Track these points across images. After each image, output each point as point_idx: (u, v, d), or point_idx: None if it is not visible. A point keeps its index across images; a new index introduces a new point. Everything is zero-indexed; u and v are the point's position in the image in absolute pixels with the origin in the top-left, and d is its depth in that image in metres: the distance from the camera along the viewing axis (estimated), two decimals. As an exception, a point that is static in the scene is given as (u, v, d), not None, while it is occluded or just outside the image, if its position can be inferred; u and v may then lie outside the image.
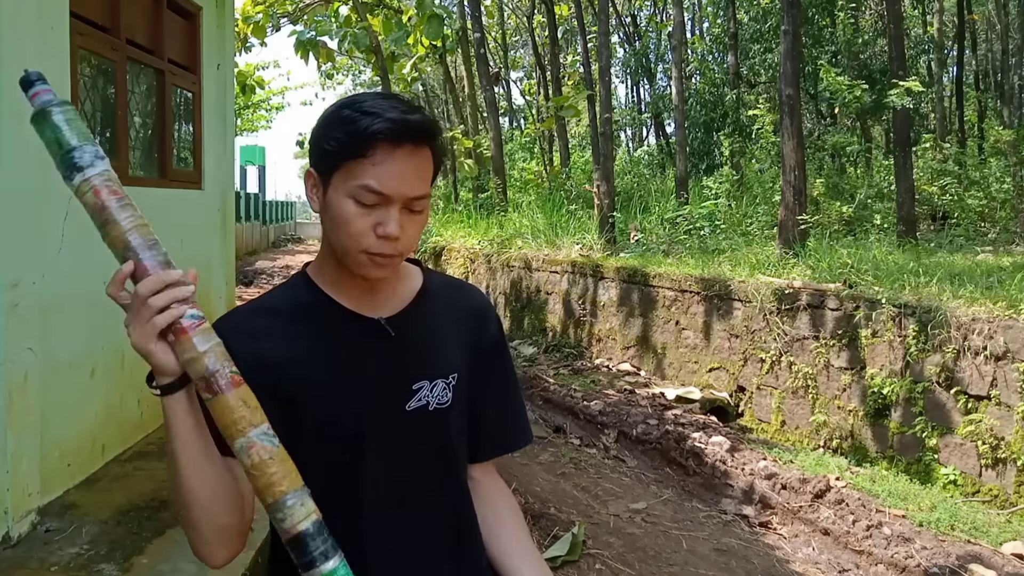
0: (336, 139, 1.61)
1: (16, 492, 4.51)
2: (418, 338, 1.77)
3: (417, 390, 1.73)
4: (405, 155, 1.60)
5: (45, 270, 4.90)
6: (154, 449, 6.22)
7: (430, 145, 1.65)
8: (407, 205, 1.62)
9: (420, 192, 1.62)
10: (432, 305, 1.84)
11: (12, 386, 4.48)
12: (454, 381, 1.78)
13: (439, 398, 1.75)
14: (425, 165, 1.65)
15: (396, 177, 1.59)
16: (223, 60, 8.37)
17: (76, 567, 4.22)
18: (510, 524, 1.93)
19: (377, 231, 1.59)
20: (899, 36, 13.00)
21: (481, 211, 20.05)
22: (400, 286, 1.81)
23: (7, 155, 4.47)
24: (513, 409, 2.00)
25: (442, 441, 1.79)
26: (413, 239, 1.66)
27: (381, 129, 1.58)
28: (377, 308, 1.75)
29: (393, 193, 1.59)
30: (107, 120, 6.22)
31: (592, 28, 21.15)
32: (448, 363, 1.79)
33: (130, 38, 6.43)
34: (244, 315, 1.77)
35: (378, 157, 1.58)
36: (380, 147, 1.58)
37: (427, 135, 1.63)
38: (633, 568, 5.72)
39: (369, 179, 1.58)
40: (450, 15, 20.85)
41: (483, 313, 1.93)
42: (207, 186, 7.96)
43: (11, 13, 4.51)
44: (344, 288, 1.74)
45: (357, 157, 1.59)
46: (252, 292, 18.90)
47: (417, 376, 1.74)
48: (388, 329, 1.73)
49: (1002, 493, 6.96)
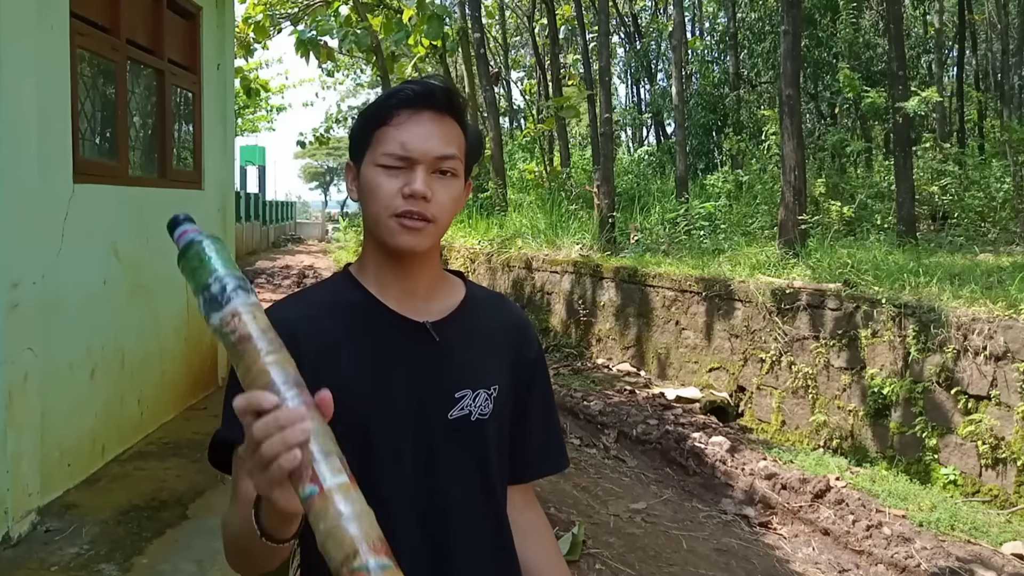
0: (364, 117, 1.67)
1: (16, 492, 4.51)
2: (462, 346, 1.74)
3: (460, 398, 1.69)
4: (428, 119, 1.62)
5: (45, 270, 4.91)
6: (154, 449, 6.23)
7: (455, 117, 1.66)
8: (434, 166, 1.62)
9: (445, 151, 1.62)
10: (476, 316, 1.81)
11: (12, 386, 4.49)
12: (495, 393, 1.74)
13: (481, 408, 1.71)
14: (450, 131, 1.65)
15: (419, 138, 1.61)
16: (223, 60, 8.38)
17: (76, 567, 4.22)
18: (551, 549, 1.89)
19: (404, 191, 1.59)
20: (899, 36, 12.98)
21: (481, 211, 20.00)
22: (444, 293, 1.79)
23: (7, 157, 4.47)
24: (551, 431, 1.95)
25: (482, 453, 1.75)
26: (445, 206, 1.64)
27: (402, 96, 1.63)
28: (421, 312, 1.72)
29: (416, 152, 1.60)
30: (107, 120, 6.22)
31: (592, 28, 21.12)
32: (490, 374, 1.75)
33: (130, 38, 6.44)
34: (284, 301, 1.77)
35: (400, 120, 1.61)
36: (402, 112, 1.62)
37: (449, 104, 1.65)
38: (633, 568, 5.71)
39: (392, 143, 1.61)
40: (450, 15, 20.86)
41: (524, 329, 1.90)
42: (207, 186, 7.97)
43: (11, 13, 4.51)
44: (387, 288, 1.71)
45: (382, 126, 1.62)
46: (252, 292, 18.84)
47: (460, 384, 1.70)
48: (433, 334, 1.69)
49: (1002, 493, 6.96)
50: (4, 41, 4.45)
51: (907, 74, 13.94)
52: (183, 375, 7.30)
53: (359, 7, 19.55)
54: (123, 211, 6.23)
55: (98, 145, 6.15)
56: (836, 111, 20.47)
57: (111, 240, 5.98)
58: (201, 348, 7.72)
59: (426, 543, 1.64)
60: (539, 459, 1.93)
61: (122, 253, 6.10)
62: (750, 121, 20.29)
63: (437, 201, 1.61)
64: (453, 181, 1.65)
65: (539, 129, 25.38)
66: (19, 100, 4.61)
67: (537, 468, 1.94)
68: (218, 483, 5.36)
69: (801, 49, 12.97)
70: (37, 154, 4.79)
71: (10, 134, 4.50)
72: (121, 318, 6.07)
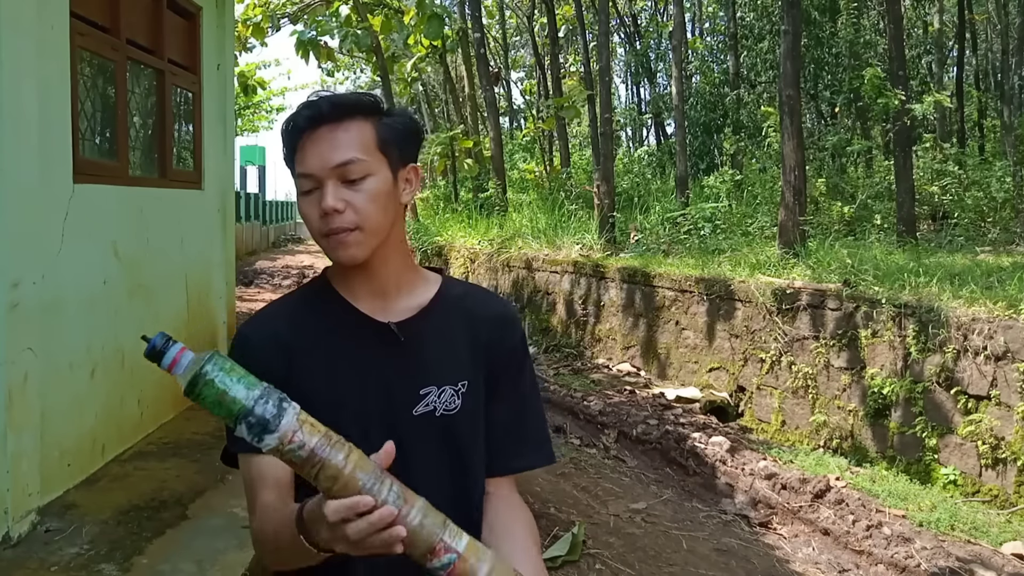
0: (284, 154, 1.74)
1: (16, 492, 4.51)
2: (428, 344, 1.78)
3: (424, 395, 1.74)
4: (323, 134, 1.66)
5: (45, 270, 4.90)
6: (154, 449, 6.22)
7: (360, 117, 1.70)
8: (340, 176, 1.65)
9: (343, 158, 1.65)
10: (447, 312, 1.84)
11: (12, 386, 4.48)
12: (464, 388, 1.78)
13: (447, 404, 1.75)
14: (351, 135, 1.68)
15: (314, 156, 1.66)
16: (223, 60, 8.37)
17: (76, 567, 4.22)
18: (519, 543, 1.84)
19: (319, 211, 1.65)
20: (899, 36, 13.00)
21: (481, 211, 20.02)
22: (415, 292, 1.83)
23: (7, 156, 4.47)
24: (529, 422, 1.95)
25: (450, 448, 1.78)
26: (365, 210, 1.67)
27: (294, 125, 1.69)
28: (389, 313, 1.77)
29: (315, 170, 1.65)
30: (107, 120, 6.21)
31: (592, 28, 21.12)
32: (458, 370, 1.79)
33: (130, 38, 6.43)
34: (267, 308, 1.87)
35: (302, 144, 1.68)
36: (301, 137, 1.68)
37: (346, 109, 1.69)
38: (633, 568, 5.71)
39: (299, 167, 1.68)
40: (450, 15, 20.88)
41: (503, 321, 1.92)
42: (207, 186, 7.96)
43: (11, 13, 4.51)
44: (356, 290, 1.78)
45: (294, 155, 1.70)
46: (252, 292, 18.90)
47: (425, 382, 1.75)
48: (397, 334, 1.74)
49: (1002, 493, 6.96)
50: (4, 40, 4.45)
51: (907, 74, 13.93)
52: (183, 375, 7.27)
53: (359, 7, 19.56)
54: (123, 211, 6.23)
55: (98, 145, 6.15)
56: (836, 111, 20.46)
57: (111, 240, 5.97)
58: (201, 348, 7.66)
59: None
60: (518, 452, 1.93)
61: (122, 253, 6.09)
62: (750, 121, 20.27)
63: (354, 207, 1.65)
64: (367, 181, 1.67)
65: (539, 129, 25.39)
66: (19, 100, 4.60)
67: (516, 461, 1.94)
68: (218, 483, 5.36)
69: (801, 49, 12.97)
70: (37, 154, 4.78)
71: (10, 134, 4.49)
72: (121, 318, 6.06)
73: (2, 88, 4.43)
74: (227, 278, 8.32)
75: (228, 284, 8.37)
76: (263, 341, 1.74)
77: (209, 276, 7.93)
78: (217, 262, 8.10)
